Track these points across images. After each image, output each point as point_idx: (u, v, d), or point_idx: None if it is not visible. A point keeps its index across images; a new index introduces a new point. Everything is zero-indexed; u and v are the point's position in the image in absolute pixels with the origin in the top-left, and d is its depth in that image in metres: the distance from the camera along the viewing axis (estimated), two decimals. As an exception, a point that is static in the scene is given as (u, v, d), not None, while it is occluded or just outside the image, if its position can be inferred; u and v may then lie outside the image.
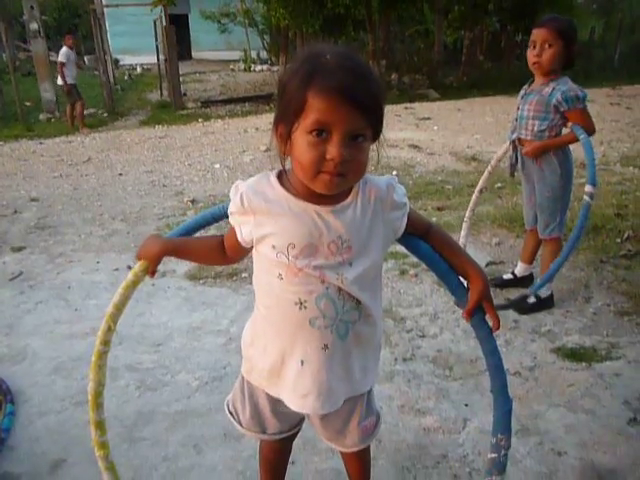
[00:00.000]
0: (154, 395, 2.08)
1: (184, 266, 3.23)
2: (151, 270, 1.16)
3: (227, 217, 1.17)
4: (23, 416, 1.99)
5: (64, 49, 8.65)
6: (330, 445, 1.32)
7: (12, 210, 4.53)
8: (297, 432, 1.37)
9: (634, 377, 2.07)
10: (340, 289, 1.04)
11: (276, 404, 1.21)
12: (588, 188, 2.24)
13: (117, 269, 3.27)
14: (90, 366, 1.15)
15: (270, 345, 1.13)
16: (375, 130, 1.00)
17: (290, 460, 1.52)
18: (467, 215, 2.95)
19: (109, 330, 1.16)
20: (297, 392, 1.12)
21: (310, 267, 1.02)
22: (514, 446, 1.74)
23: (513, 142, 2.54)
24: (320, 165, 0.95)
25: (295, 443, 1.49)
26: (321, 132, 0.94)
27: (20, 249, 3.68)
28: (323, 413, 1.15)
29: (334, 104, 0.92)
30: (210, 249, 1.19)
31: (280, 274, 1.04)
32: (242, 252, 1.14)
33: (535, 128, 2.41)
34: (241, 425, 1.30)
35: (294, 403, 1.14)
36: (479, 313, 1.13)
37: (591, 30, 16.17)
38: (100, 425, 1.17)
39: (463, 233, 2.93)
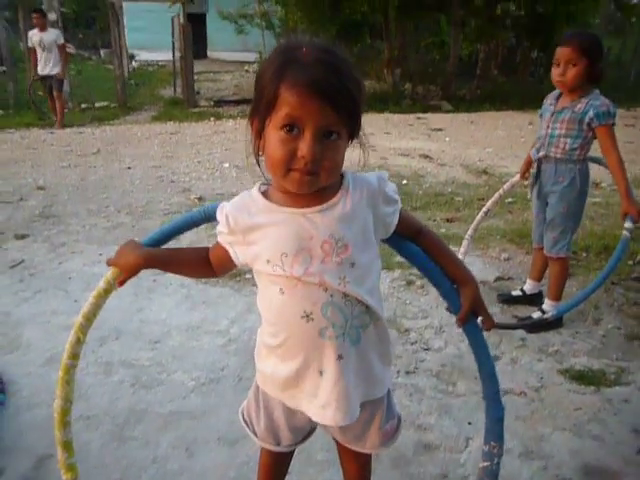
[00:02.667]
0: (148, 393, 2.02)
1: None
2: (121, 280, 1.12)
3: (207, 221, 1.13)
4: (11, 407, 1.94)
5: (30, 32, 7.96)
6: (348, 447, 1.26)
7: (18, 197, 4.51)
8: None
9: (644, 404, 2.01)
10: (345, 294, 0.99)
11: (291, 416, 1.16)
12: (628, 224, 2.29)
13: (119, 262, 3.22)
14: (57, 381, 1.09)
15: (282, 360, 1.07)
16: (351, 129, 0.97)
17: (284, 470, 1.46)
18: (469, 233, 2.95)
19: (78, 342, 1.11)
20: (316, 403, 1.07)
21: (308, 274, 0.97)
22: (517, 469, 1.69)
23: (538, 160, 2.47)
24: (291, 163, 0.92)
25: (290, 453, 1.43)
26: (292, 128, 0.91)
27: (23, 237, 3.65)
28: (343, 424, 1.09)
29: (305, 98, 0.89)
30: (196, 262, 1.14)
31: (281, 289, 1.00)
32: (229, 267, 1.10)
33: (567, 147, 2.36)
34: (256, 436, 1.24)
35: (314, 413, 1.08)
36: (472, 319, 1.12)
37: (607, 50, 16.14)
38: (67, 446, 1.10)
39: (462, 250, 2.91)
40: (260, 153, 1.01)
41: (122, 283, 1.13)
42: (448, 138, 7.62)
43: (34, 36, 7.83)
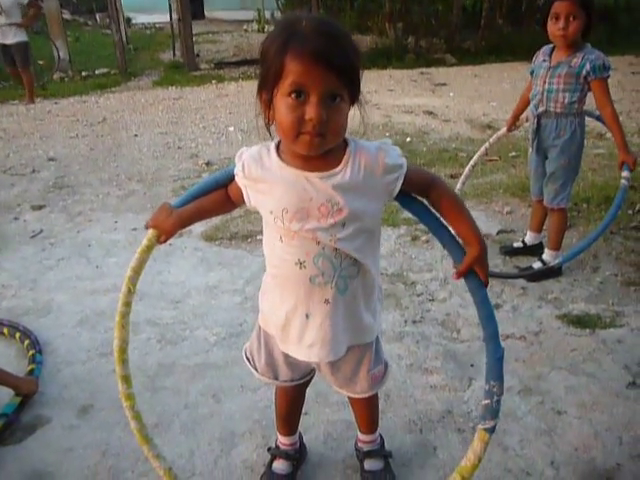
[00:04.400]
0: (174, 348, 2.19)
1: (200, 227, 3.31)
2: (163, 241, 1.26)
3: (230, 182, 1.25)
4: (51, 365, 2.11)
5: None
6: (341, 392, 1.41)
7: (31, 169, 4.61)
8: (309, 380, 1.46)
9: (636, 344, 2.14)
10: (336, 248, 1.12)
11: (289, 354, 1.30)
12: (625, 173, 2.42)
13: (135, 229, 3.36)
14: (115, 325, 1.25)
15: (278, 301, 1.23)
16: (352, 92, 1.06)
17: (304, 411, 1.62)
18: (457, 187, 3.08)
19: (129, 292, 1.27)
20: (303, 343, 1.23)
21: (303, 230, 1.10)
22: (516, 404, 1.84)
23: (537, 116, 2.54)
24: (300, 126, 1.01)
25: (308, 395, 1.59)
26: (299, 94, 1.00)
27: (40, 207, 3.78)
28: (329, 361, 1.25)
29: (310, 67, 0.98)
30: (221, 204, 1.29)
31: (281, 237, 1.14)
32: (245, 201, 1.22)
33: (566, 100, 2.43)
34: (257, 371, 1.41)
35: (301, 353, 1.25)
36: (470, 272, 1.18)
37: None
38: (126, 379, 1.27)
39: None
40: (270, 122, 1.11)
41: (164, 242, 1.28)
42: (452, 93, 7.57)
43: None
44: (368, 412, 1.52)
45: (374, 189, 1.12)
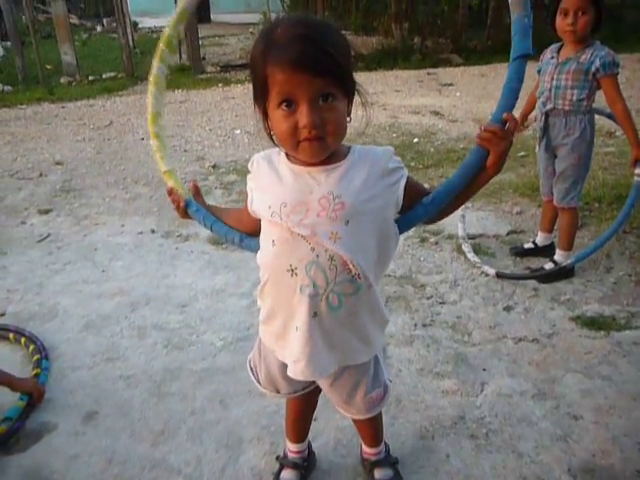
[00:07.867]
0: (181, 353, 2.16)
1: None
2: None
3: None
4: (56, 370, 2.08)
5: None
6: (339, 411, 1.36)
7: (38, 173, 4.61)
8: (318, 388, 1.37)
9: (652, 346, 2.09)
10: (332, 257, 1.04)
11: (284, 368, 1.24)
12: (638, 170, 2.39)
13: (141, 232, 3.34)
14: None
15: (273, 310, 1.17)
16: (344, 87, 1.01)
17: (313, 417, 1.58)
18: None
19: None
20: (291, 357, 1.16)
21: (302, 225, 1.04)
22: (530, 408, 1.80)
23: (545, 114, 2.49)
24: (297, 135, 0.99)
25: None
26: (289, 103, 0.98)
27: (47, 211, 3.77)
28: (312, 379, 1.19)
29: (291, 76, 0.96)
30: (240, 213, 1.27)
31: (273, 240, 1.08)
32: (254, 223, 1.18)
33: (574, 98, 2.38)
34: (259, 383, 1.37)
35: (289, 368, 1.19)
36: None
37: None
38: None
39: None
40: (271, 132, 1.09)
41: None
42: (459, 93, 7.52)
43: None
44: (370, 430, 1.48)
45: (377, 184, 1.07)
